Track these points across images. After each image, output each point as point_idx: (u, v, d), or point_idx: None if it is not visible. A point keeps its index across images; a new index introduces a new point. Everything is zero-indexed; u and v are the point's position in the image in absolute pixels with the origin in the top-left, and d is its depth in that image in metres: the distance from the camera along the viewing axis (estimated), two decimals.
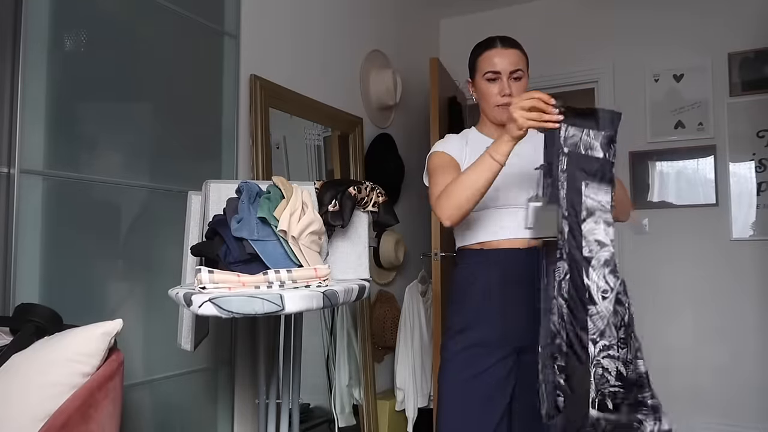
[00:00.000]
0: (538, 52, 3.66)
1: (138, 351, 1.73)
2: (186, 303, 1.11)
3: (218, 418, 2.02)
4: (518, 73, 1.61)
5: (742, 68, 3.19)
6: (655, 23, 3.39)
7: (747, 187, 3.16)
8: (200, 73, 2.00)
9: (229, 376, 2.07)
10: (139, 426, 1.73)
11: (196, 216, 1.60)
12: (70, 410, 1.07)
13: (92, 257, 1.62)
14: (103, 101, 1.66)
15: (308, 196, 1.42)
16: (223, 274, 1.15)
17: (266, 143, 2.24)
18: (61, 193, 1.54)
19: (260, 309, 1.09)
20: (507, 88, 1.59)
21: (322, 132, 2.74)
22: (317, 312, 2.52)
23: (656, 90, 3.39)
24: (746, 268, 3.14)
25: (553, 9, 3.70)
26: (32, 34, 1.47)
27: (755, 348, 3.10)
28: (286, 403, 1.67)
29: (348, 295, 1.26)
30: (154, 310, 1.78)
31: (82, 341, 1.13)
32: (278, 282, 1.18)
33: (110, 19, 1.68)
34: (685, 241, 3.28)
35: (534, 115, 1.28)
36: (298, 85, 2.47)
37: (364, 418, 2.74)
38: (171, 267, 1.79)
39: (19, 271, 1.43)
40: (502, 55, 1.61)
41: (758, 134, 3.14)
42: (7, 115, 1.43)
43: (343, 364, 2.71)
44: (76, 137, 1.58)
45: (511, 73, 1.60)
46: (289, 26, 2.48)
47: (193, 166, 1.94)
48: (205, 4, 2.01)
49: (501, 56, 1.60)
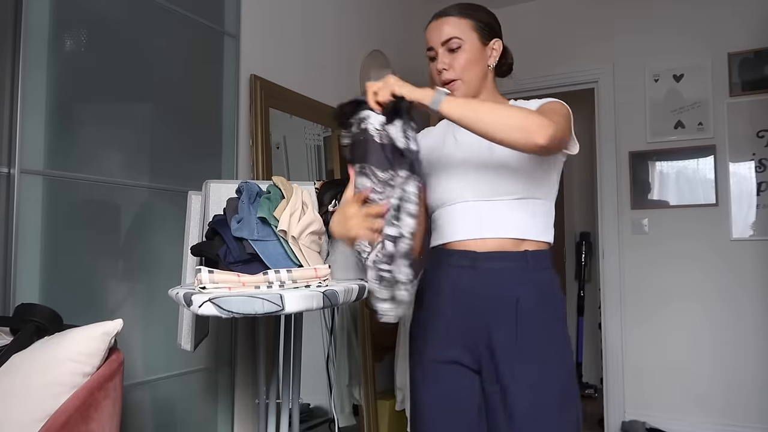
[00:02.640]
0: (538, 52, 3.68)
1: (138, 351, 1.73)
2: (186, 303, 1.11)
3: (218, 418, 2.02)
4: (452, 42, 1.34)
5: (742, 68, 3.19)
6: (655, 23, 3.39)
7: (747, 187, 3.16)
8: (200, 73, 2.00)
9: (229, 376, 2.07)
10: (139, 426, 1.73)
11: (196, 216, 1.60)
12: (70, 410, 1.07)
13: (92, 257, 1.62)
14: (103, 101, 1.66)
15: (308, 196, 1.42)
16: (223, 274, 1.15)
17: (266, 143, 2.24)
18: (61, 193, 1.54)
19: (260, 309, 1.09)
20: (440, 62, 1.36)
21: (322, 132, 2.74)
22: (317, 312, 2.52)
23: (656, 90, 3.39)
24: (746, 268, 3.14)
25: (553, 9, 3.70)
26: (32, 33, 1.47)
27: (755, 348, 3.10)
28: (286, 403, 1.67)
29: (348, 295, 1.25)
30: (154, 310, 1.78)
31: (82, 341, 1.13)
32: (278, 282, 1.18)
33: (110, 19, 1.68)
34: (685, 241, 3.28)
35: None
36: (298, 85, 2.47)
37: (364, 418, 2.74)
38: (171, 267, 1.79)
39: (19, 271, 1.43)
40: (434, 28, 1.38)
41: (758, 134, 3.14)
42: (7, 115, 1.43)
43: (343, 364, 2.71)
44: (76, 137, 1.58)
45: (443, 44, 1.35)
46: (289, 26, 2.48)
47: (193, 166, 1.94)
48: (205, 4, 2.01)
49: (433, 30, 1.38)
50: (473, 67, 1.35)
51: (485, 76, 1.39)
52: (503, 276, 1.30)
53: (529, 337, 1.27)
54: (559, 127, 1.16)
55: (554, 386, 1.26)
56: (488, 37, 1.38)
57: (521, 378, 1.25)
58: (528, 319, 1.27)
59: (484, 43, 1.37)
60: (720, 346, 3.18)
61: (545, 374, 1.26)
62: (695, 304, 3.25)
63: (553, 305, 1.33)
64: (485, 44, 1.37)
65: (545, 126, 1.13)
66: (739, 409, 3.11)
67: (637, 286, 3.41)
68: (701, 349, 3.22)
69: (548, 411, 1.25)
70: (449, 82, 1.35)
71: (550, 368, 1.27)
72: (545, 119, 1.14)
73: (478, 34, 1.36)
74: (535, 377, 1.25)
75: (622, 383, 3.41)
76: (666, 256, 3.33)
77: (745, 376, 3.10)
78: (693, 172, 3.30)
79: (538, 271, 1.32)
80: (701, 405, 3.19)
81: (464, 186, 1.34)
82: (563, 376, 1.29)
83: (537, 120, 1.14)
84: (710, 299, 3.22)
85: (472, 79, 1.36)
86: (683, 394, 3.24)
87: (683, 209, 3.31)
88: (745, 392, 3.10)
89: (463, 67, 1.34)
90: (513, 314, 1.27)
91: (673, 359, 3.28)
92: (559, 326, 1.32)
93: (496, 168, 1.31)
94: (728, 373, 3.15)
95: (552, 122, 1.14)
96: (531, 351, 1.26)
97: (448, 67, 1.35)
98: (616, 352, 3.43)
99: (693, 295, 3.26)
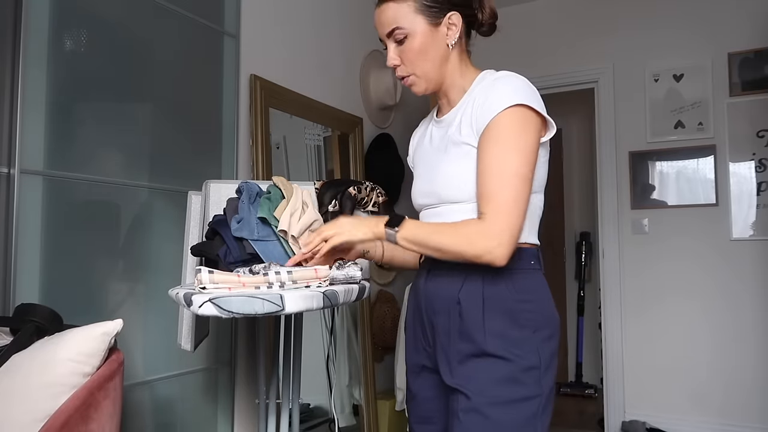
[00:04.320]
0: (538, 52, 3.68)
1: (138, 351, 1.73)
2: (186, 303, 1.11)
3: (218, 418, 2.02)
4: (396, 34, 1.18)
5: (742, 68, 3.19)
6: (655, 23, 3.39)
7: (747, 187, 3.16)
8: (200, 73, 2.00)
9: (229, 376, 2.06)
10: (139, 426, 1.73)
11: (196, 216, 1.60)
12: (70, 410, 1.07)
13: (92, 257, 1.62)
14: (103, 101, 1.66)
15: (308, 196, 1.42)
16: (223, 275, 1.15)
17: (266, 143, 2.24)
18: (61, 193, 1.54)
19: (260, 309, 1.09)
20: (389, 57, 1.23)
21: (322, 132, 2.74)
22: (317, 312, 2.52)
23: (656, 90, 3.39)
24: (746, 268, 3.14)
25: (553, 9, 3.70)
26: (32, 33, 1.47)
27: (755, 348, 3.10)
28: (286, 403, 1.67)
29: (348, 295, 1.25)
30: (154, 310, 1.78)
31: (82, 341, 1.13)
32: (278, 282, 1.18)
33: (110, 19, 1.68)
34: (685, 241, 3.29)
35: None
36: (298, 85, 2.47)
37: (364, 418, 2.74)
38: (171, 267, 1.79)
39: (19, 271, 1.43)
40: (377, 17, 1.22)
41: (758, 134, 3.14)
42: (7, 115, 1.43)
43: (343, 364, 2.71)
44: (76, 137, 1.58)
45: (388, 36, 1.21)
46: (289, 26, 2.48)
47: (193, 166, 1.94)
48: (205, 4, 2.01)
49: (376, 19, 1.23)
50: (425, 57, 1.20)
51: (445, 60, 1.22)
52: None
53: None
54: (508, 223, 1.09)
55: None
56: (438, 13, 1.18)
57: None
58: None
59: (435, 24, 1.18)
60: (720, 346, 3.18)
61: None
62: (695, 304, 3.25)
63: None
64: (437, 24, 1.18)
65: (494, 248, 1.08)
66: (739, 409, 3.11)
67: (637, 286, 3.41)
68: (701, 350, 3.22)
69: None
70: (404, 77, 1.24)
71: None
72: (491, 234, 1.08)
73: (423, 16, 1.17)
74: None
75: (622, 383, 3.41)
76: (666, 256, 3.33)
77: (746, 377, 3.10)
78: (693, 172, 3.30)
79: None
80: (701, 405, 3.19)
81: (429, 191, 1.26)
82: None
83: (483, 241, 1.09)
84: (710, 299, 3.22)
85: (427, 70, 1.21)
86: (683, 394, 3.25)
87: (683, 209, 3.31)
88: (745, 392, 3.10)
89: (413, 60, 1.20)
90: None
91: (673, 359, 3.28)
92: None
93: (459, 173, 1.21)
94: (728, 374, 3.15)
95: (499, 232, 1.08)
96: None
97: (398, 62, 1.22)
98: (616, 352, 3.43)
99: (693, 295, 3.26)
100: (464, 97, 1.24)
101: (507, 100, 1.12)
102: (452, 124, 1.23)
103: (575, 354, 4.68)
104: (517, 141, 1.11)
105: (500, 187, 1.10)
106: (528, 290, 1.18)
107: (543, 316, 1.19)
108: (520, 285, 1.17)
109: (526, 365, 1.13)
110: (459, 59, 1.24)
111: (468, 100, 1.22)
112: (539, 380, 1.14)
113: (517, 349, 1.14)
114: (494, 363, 1.14)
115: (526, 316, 1.16)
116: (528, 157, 1.12)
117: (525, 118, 1.12)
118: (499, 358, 1.13)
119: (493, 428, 1.11)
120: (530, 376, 1.14)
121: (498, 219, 1.09)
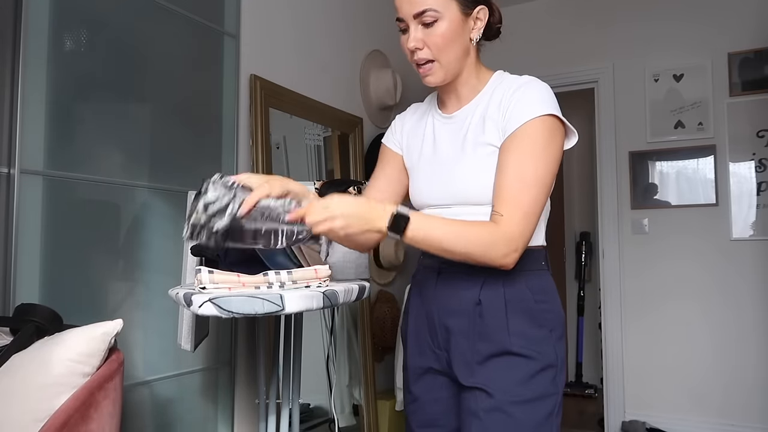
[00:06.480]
0: (539, 52, 3.68)
1: (138, 351, 1.73)
2: (186, 303, 1.11)
3: (218, 418, 2.02)
4: (427, 16, 1.12)
5: (742, 68, 3.19)
6: (655, 23, 3.39)
7: (747, 187, 3.16)
8: (200, 73, 2.00)
9: (229, 376, 2.06)
10: (139, 426, 1.73)
11: None
12: (70, 410, 1.07)
13: (92, 257, 1.62)
14: (103, 101, 1.66)
15: None
16: (223, 275, 1.15)
17: (266, 143, 2.24)
18: (61, 193, 1.54)
19: (260, 309, 1.09)
20: (412, 39, 1.15)
21: (322, 132, 2.74)
22: (317, 312, 2.52)
23: (656, 90, 3.39)
24: (746, 268, 3.14)
25: (553, 9, 3.70)
26: (32, 34, 1.47)
27: (755, 348, 3.10)
28: (286, 403, 1.67)
29: (348, 295, 1.25)
30: (154, 310, 1.78)
31: (82, 341, 1.13)
32: (278, 282, 1.18)
33: (110, 19, 1.68)
34: (685, 241, 3.28)
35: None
36: (298, 85, 2.47)
37: (364, 418, 2.74)
38: (171, 267, 1.79)
39: (19, 271, 1.43)
40: None
41: (758, 134, 3.14)
42: (7, 115, 1.43)
43: (343, 364, 2.71)
44: (76, 137, 1.58)
45: (416, 16, 1.13)
46: (289, 26, 2.48)
47: (193, 166, 1.94)
48: (205, 4, 2.01)
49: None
50: (452, 45, 1.16)
51: (466, 53, 1.20)
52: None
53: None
54: (524, 229, 1.10)
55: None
56: (471, 4, 1.16)
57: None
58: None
59: (466, 14, 1.15)
60: (720, 347, 3.18)
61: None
62: (695, 304, 3.25)
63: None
64: (468, 14, 1.16)
65: (509, 254, 1.09)
66: (739, 409, 3.11)
67: (637, 286, 3.41)
68: (702, 349, 3.22)
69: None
70: (423, 63, 1.18)
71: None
72: (507, 240, 1.08)
73: (458, 3, 1.14)
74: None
75: (622, 383, 3.41)
76: (666, 256, 3.33)
77: (746, 377, 3.10)
78: (693, 172, 3.30)
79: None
80: (702, 405, 3.19)
81: (442, 190, 1.24)
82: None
83: (499, 246, 1.09)
84: (710, 299, 3.22)
85: (450, 60, 1.17)
86: (683, 394, 3.25)
87: (683, 209, 3.31)
88: (745, 392, 3.10)
89: (440, 47, 1.15)
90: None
91: (673, 359, 3.28)
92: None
93: (466, 175, 1.20)
94: (728, 374, 3.15)
95: (516, 238, 1.09)
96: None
97: (421, 45, 1.15)
98: (616, 352, 3.43)
99: (693, 295, 3.26)
100: (478, 96, 1.22)
101: (538, 108, 1.13)
102: (470, 122, 1.21)
103: (575, 354, 4.68)
104: (544, 150, 1.12)
105: (522, 193, 1.10)
106: (543, 291, 1.20)
107: (557, 315, 1.21)
108: (536, 286, 1.19)
109: (546, 363, 1.16)
110: (476, 56, 1.24)
111: (484, 99, 1.21)
112: (555, 378, 1.17)
113: (539, 347, 1.16)
114: (517, 361, 1.15)
115: (544, 316, 1.19)
116: (551, 167, 1.14)
117: (553, 129, 1.14)
118: (522, 357, 1.15)
119: (515, 427, 1.13)
120: (549, 374, 1.16)
121: (515, 225, 1.10)
